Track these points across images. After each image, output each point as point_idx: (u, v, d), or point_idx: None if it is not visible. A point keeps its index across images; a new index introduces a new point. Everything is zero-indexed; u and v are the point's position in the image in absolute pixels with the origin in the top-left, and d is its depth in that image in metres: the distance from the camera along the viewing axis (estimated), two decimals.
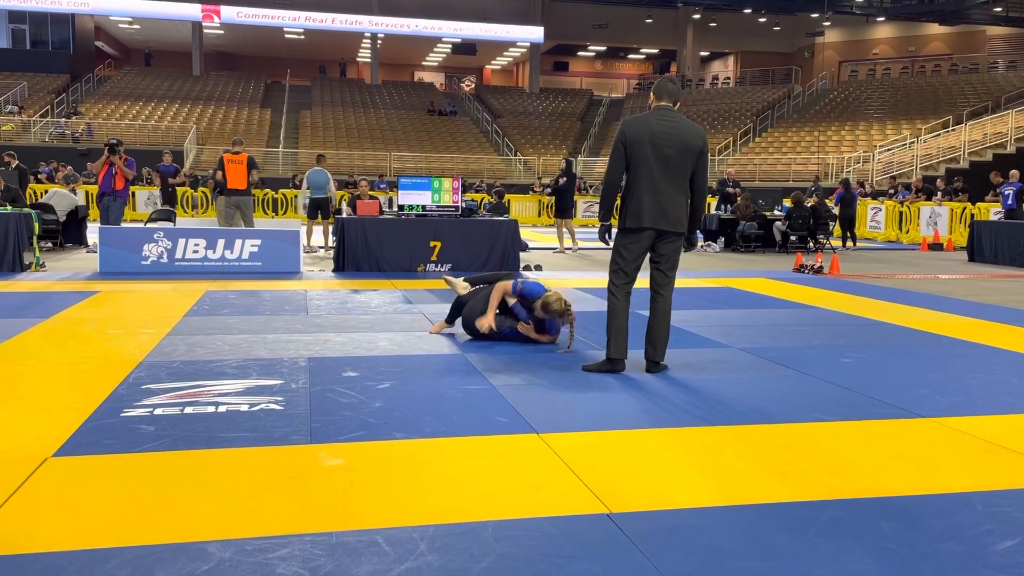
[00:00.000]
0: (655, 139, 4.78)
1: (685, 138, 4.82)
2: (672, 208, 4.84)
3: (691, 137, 4.84)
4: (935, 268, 12.63)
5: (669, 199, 4.82)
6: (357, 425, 3.79)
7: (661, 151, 4.78)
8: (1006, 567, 2.50)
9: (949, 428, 3.96)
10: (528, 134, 37.24)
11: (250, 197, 11.81)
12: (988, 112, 27.97)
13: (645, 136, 4.79)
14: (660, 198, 4.80)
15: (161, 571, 2.35)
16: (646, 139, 4.79)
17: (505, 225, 10.97)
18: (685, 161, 4.84)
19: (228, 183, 11.65)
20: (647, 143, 4.78)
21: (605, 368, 4.96)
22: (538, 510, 2.87)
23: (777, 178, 28.99)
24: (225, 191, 11.78)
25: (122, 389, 4.36)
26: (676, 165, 4.82)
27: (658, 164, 4.79)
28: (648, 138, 4.78)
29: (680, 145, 4.80)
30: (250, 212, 11.80)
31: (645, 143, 4.79)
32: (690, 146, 4.83)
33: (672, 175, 4.82)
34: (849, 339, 6.31)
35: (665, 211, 4.82)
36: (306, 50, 46.40)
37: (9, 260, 9.68)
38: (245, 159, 11.64)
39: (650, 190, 4.80)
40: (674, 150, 4.79)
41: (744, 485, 3.16)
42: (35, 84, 34.71)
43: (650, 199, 4.80)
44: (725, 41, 43.83)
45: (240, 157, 11.65)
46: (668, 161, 4.80)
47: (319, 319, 6.76)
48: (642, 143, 4.79)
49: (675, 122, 4.85)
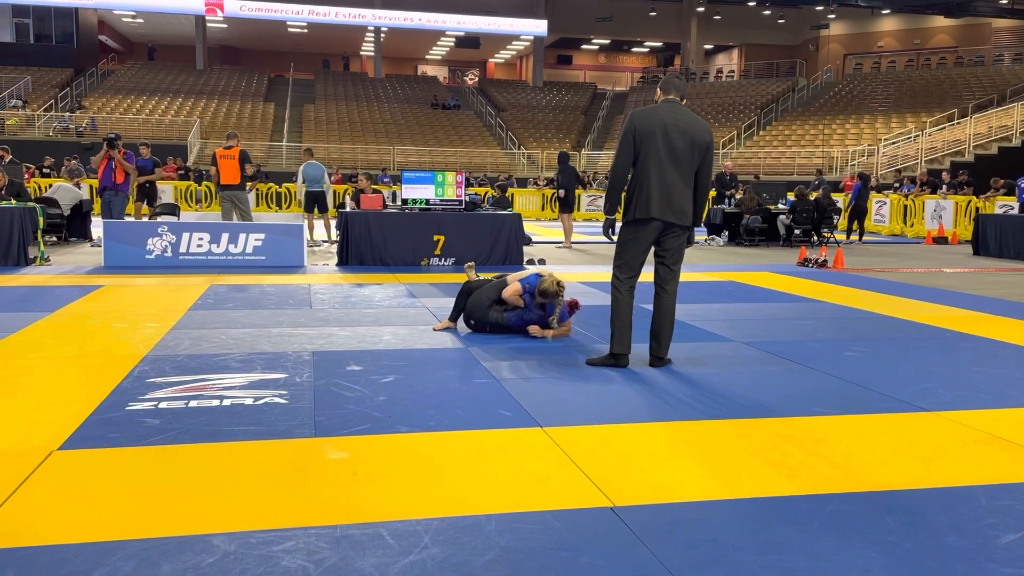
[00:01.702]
0: (666, 130, 4.77)
1: (694, 132, 4.82)
2: (679, 200, 4.82)
3: (699, 132, 4.85)
4: (940, 262, 12.60)
5: (677, 191, 4.81)
6: (361, 419, 3.80)
7: (671, 143, 4.77)
8: (1010, 560, 2.50)
9: (953, 422, 3.96)
10: (532, 128, 37.18)
11: (243, 191, 11.74)
12: (994, 105, 27.84)
13: (656, 128, 4.78)
14: (668, 190, 4.79)
15: (166, 563, 2.36)
16: (657, 131, 4.77)
17: (509, 219, 10.97)
18: (693, 155, 4.83)
19: (221, 178, 11.64)
20: (658, 135, 4.77)
21: (609, 363, 4.96)
22: (542, 503, 2.87)
23: (782, 172, 28.93)
24: (219, 186, 11.79)
25: (127, 383, 4.38)
26: (684, 158, 4.81)
27: (668, 156, 4.78)
28: (659, 129, 4.77)
29: (689, 138, 4.80)
30: (245, 206, 11.74)
31: (656, 135, 4.77)
32: (698, 140, 4.83)
33: (680, 168, 4.81)
34: (853, 333, 6.30)
35: (673, 203, 4.80)
36: (309, 44, 46.39)
37: (14, 254, 9.70)
38: (237, 153, 11.55)
39: (659, 181, 4.78)
40: (683, 143, 4.79)
41: (748, 479, 3.16)
42: (39, 78, 34.75)
43: (659, 190, 4.78)
44: (729, 34, 43.68)
45: (232, 152, 11.57)
46: (677, 154, 4.79)
47: (323, 313, 6.77)
48: (652, 135, 4.77)
49: (684, 116, 4.86)
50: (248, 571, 2.33)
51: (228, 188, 11.62)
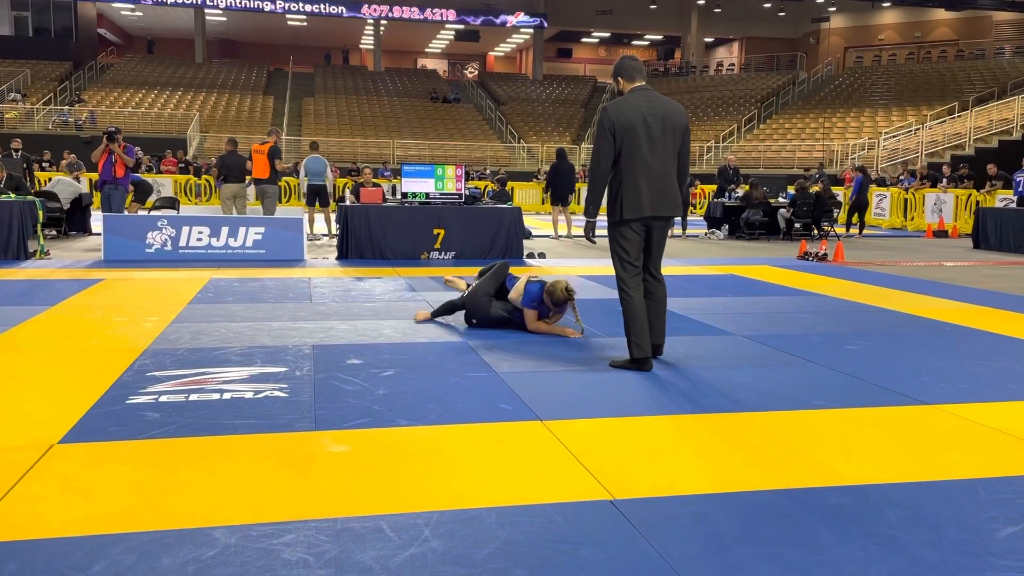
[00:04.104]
0: (646, 121, 4.59)
1: (672, 117, 4.67)
2: (670, 191, 4.69)
3: (677, 116, 4.70)
4: (940, 255, 12.59)
5: (668, 183, 4.68)
6: (361, 412, 3.80)
7: (651, 134, 4.60)
8: (1009, 553, 2.50)
9: (953, 415, 3.96)
10: (531, 121, 37.11)
11: (271, 186, 12.26)
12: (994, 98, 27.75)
13: (636, 120, 4.59)
14: (657, 183, 4.63)
15: (167, 556, 2.37)
16: (637, 123, 4.58)
17: (508, 213, 10.96)
18: (674, 142, 4.69)
19: (252, 172, 12.35)
20: (638, 127, 4.58)
21: (631, 367, 4.71)
22: (542, 496, 2.88)
23: (782, 165, 28.87)
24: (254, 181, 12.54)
25: (127, 376, 4.38)
26: (668, 148, 4.66)
27: (649, 148, 4.60)
28: (639, 122, 4.58)
29: (669, 125, 4.65)
30: (269, 200, 12.24)
31: (636, 128, 4.58)
32: (677, 125, 4.68)
33: (664, 157, 4.65)
34: (853, 326, 6.30)
35: (665, 195, 4.66)
36: (309, 37, 46.25)
37: (14, 248, 9.69)
38: (266, 149, 12.08)
39: (646, 176, 4.60)
40: (663, 131, 4.63)
41: (747, 472, 3.16)
42: (38, 72, 34.66)
43: (648, 185, 4.60)
44: (730, 27, 43.55)
45: (263, 147, 12.14)
46: (660, 144, 4.63)
47: (323, 307, 6.77)
48: (632, 128, 4.58)
49: (659, 103, 4.69)
50: (249, 564, 2.33)
51: (258, 182, 12.30)
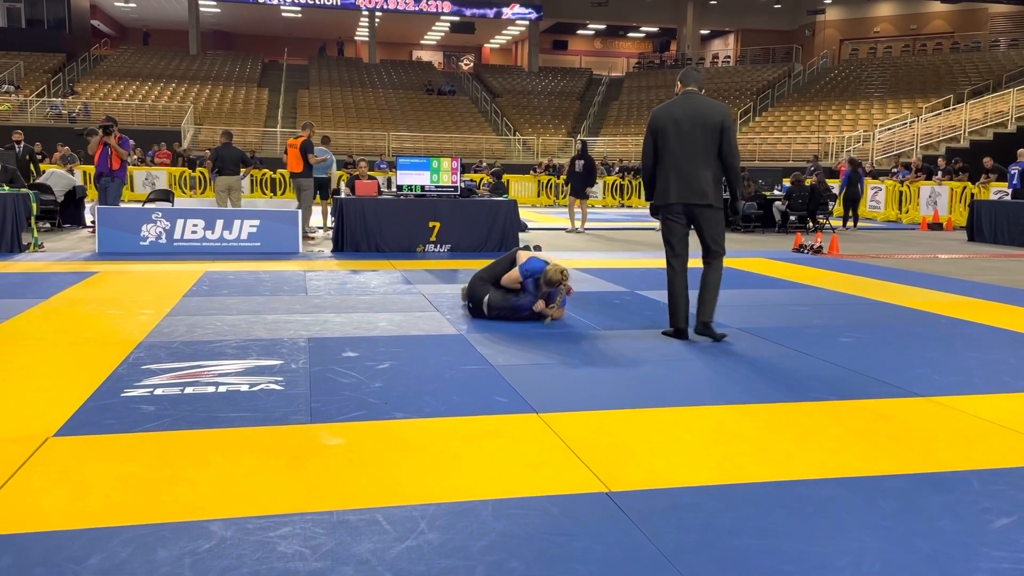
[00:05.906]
0: (677, 122, 5.27)
1: (702, 115, 5.24)
2: (696, 181, 5.26)
3: (710, 115, 5.24)
4: (934, 248, 12.62)
5: (693, 174, 5.26)
6: (357, 405, 3.80)
7: (681, 132, 5.26)
8: (1003, 544, 2.52)
9: (947, 407, 3.98)
10: (527, 113, 37.05)
11: (305, 179, 12.36)
12: (989, 91, 27.78)
13: (668, 121, 5.31)
14: (683, 174, 5.28)
15: (163, 549, 2.37)
16: (668, 124, 5.30)
17: (504, 205, 10.95)
18: (705, 138, 5.22)
19: (287, 166, 12.68)
20: (669, 127, 5.29)
21: (671, 335, 5.46)
22: (538, 489, 2.88)
23: (777, 158, 28.89)
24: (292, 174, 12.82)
25: (122, 369, 4.37)
26: (698, 144, 5.22)
27: (678, 143, 5.27)
28: (670, 123, 5.29)
29: (697, 121, 5.23)
30: (305, 193, 12.38)
31: (668, 128, 5.29)
32: (709, 123, 5.21)
33: (693, 152, 5.24)
34: (848, 319, 6.31)
35: (691, 185, 5.26)
36: (304, 29, 46.06)
37: (7, 240, 9.66)
38: (299, 143, 12.24)
39: (674, 168, 5.30)
40: (691, 126, 5.24)
41: (741, 464, 3.17)
42: (31, 63, 34.47)
43: (675, 176, 5.30)
44: (726, 19, 43.48)
45: (296, 141, 12.32)
46: (686, 139, 5.25)
47: (318, 299, 6.76)
48: (665, 128, 5.31)
49: (697, 103, 5.30)
50: (245, 556, 2.33)
51: (293, 176, 12.56)
